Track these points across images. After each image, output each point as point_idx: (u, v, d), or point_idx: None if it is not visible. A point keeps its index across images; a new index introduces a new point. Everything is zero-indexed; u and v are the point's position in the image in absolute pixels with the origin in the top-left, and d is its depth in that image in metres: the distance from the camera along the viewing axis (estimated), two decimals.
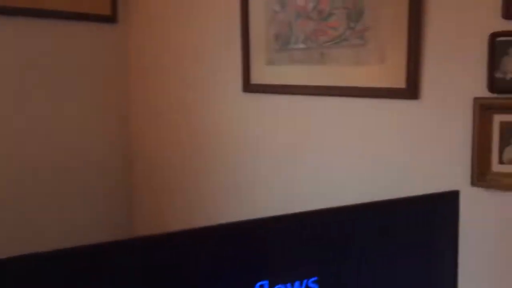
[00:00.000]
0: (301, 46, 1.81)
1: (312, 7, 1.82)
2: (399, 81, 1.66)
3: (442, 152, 1.64)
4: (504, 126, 1.55)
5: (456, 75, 1.59)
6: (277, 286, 1.10)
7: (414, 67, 1.63)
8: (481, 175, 1.60)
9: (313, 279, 1.14)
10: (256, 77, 1.93)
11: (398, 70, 1.66)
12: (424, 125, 1.66)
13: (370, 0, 1.69)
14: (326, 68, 1.76)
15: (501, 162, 1.57)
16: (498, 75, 1.53)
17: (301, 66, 1.82)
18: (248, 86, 1.95)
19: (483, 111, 1.56)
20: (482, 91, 1.55)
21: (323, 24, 1.80)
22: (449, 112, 1.62)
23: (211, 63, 2.14)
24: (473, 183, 1.61)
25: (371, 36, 1.71)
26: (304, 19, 1.84)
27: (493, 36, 1.53)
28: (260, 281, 1.08)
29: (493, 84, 1.54)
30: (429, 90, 1.63)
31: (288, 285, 1.11)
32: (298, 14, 1.86)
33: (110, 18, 2.27)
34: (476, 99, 1.57)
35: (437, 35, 1.60)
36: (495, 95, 1.55)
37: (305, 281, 1.13)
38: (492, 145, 1.58)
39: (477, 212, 1.61)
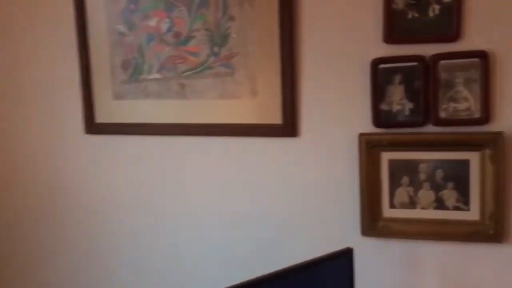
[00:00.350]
0: (156, 76, 1.54)
1: (166, 28, 1.51)
2: (275, 117, 1.45)
3: (329, 197, 1.45)
4: (393, 164, 1.38)
5: (339, 108, 1.41)
6: None
7: (290, 100, 1.43)
8: (372, 222, 1.42)
9: None
10: (102, 115, 1.62)
11: (272, 104, 1.44)
12: (306, 167, 1.46)
13: (235, 20, 1.42)
14: (188, 103, 1.52)
15: (392, 206, 1.40)
16: (384, 107, 1.36)
17: (157, 100, 1.55)
18: (92, 126, 1.64)
19: (369, 149, 1.38)
20: (368, 126, 1.38)
21: (181, 49, 1.50)
22: (333, 151, 1.43)
23: (43, 99, 1.69)
24: (363, 233, 1.42)
25: (239, 63, 1.45)
26: (157, 43, 1.52)
27: (375, 63, 1.35)
28: None
29: (379, 118, 1.37)
30: (309, 126, 1.44)
31: None
32: (150, 37, 1.53)
33: None
34: (361, 136, 1.38)
35: (315, 62, 1.41)
36: (382, 130, 1.37)
37: None
38: (382, 187, 1.40)
39: (370, 265, 1.42)
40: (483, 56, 1.26)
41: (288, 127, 1.43)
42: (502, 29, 1.25)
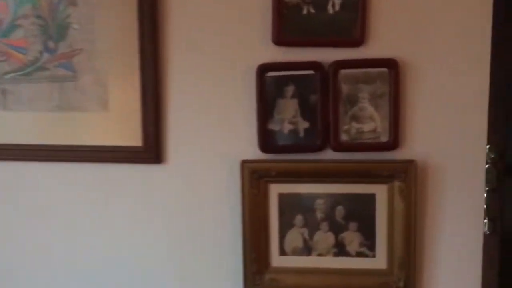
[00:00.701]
0: None
1: None
2: (133, 137, 1.17)
3: (204, 243, 1.18)
4: (284, 200, 1.14)
5: (217, 128, 1.15)
6: None
7: (153, 115, 1.15)
8: (257, 274, 1.16)
9: None
10: None
11: (129, 120, 1.16)
12: (173, 202, 1.18)
13: (77, 6, 1.13)
14: (12, 116, 1.20)
15: (282, 253, 1.17)
16: (273, 126, 1.12)
17: None
18: None
19: (255, 180, 1.13)
20: (254, 151, 1.13)
21: (2, 42, 1.17)
22: (209, 183, 1.17)
23: None
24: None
25: (83, 64, 1.15)
26: None
27: (262, 69, 1.10)
28: None
29: (267, 141, 1.12)
30: (178, 150, 1.18)
31: None
32: None
33: None
34: (244, 163, 1.13)
35: (187, 67, 1.13)
36: (270, 156, 1.12)
37: None
38: (270, 229, 1.15)
39: None
40: (392, 65, 1.05)
41: (150, 150, 1.16)
42: (416, 32, 1.05)
